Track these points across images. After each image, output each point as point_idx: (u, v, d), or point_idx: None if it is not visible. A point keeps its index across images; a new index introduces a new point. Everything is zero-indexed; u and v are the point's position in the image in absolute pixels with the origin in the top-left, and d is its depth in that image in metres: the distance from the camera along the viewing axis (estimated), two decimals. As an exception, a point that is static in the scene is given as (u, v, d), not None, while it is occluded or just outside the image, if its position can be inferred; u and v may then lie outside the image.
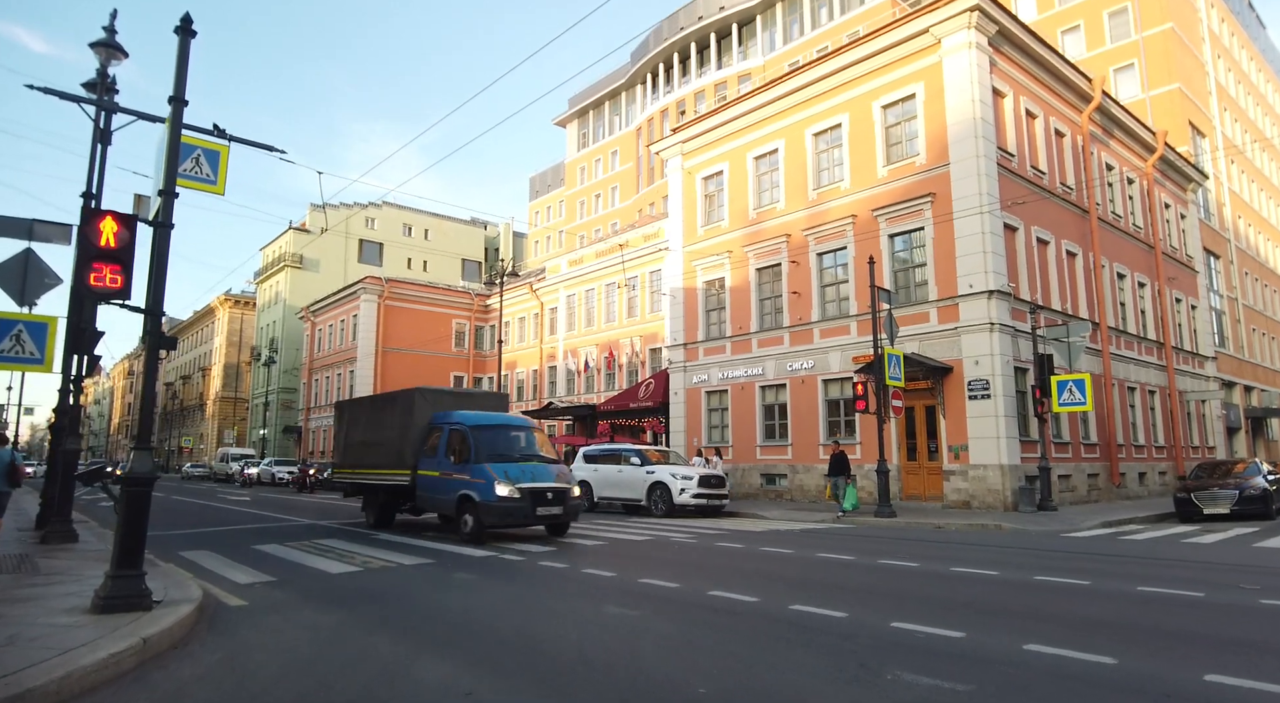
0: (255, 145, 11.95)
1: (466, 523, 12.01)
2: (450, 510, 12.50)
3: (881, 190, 20.97)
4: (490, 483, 11.70)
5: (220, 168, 11.36)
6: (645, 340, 38.88)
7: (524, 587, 7.96)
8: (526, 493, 11.75)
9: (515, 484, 11.74)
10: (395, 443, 14.07)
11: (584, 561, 9.80)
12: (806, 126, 23.20)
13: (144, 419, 6.21)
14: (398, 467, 13.85)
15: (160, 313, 6.33)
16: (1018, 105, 21.05)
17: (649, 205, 51.18)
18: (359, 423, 15.99)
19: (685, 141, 27.05)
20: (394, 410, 14.62)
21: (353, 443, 15.98)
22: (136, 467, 6.03)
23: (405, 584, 8.14)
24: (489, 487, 11.69)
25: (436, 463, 12.96)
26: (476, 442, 12.42)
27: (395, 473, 13.95)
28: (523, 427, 14.01)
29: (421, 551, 10.97)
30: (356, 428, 16.02)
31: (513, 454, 12.70)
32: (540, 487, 11.98)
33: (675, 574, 8.60)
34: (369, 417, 15.77)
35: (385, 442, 14.49)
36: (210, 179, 11.42)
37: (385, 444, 14.46)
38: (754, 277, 24.19)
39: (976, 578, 8.40)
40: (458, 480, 12.30)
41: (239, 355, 69.12)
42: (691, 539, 12.50)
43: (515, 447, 13.11)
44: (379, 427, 15.05)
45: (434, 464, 13.02)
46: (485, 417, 13.51)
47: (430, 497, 13.24)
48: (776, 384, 23.15)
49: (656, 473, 18.14)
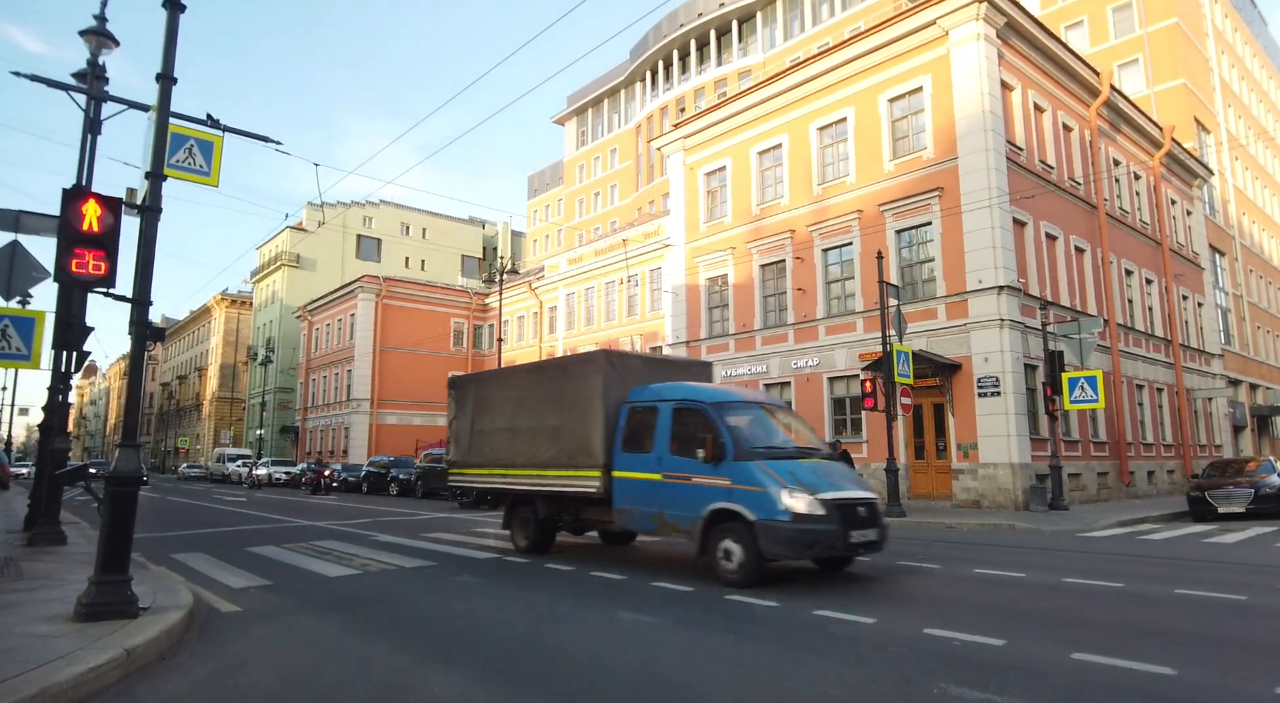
0: (250, 136, 11.63)
1: (730, 554, 7.80)
2: (686, 532, 8.33)
3: (888, 185, 20.64)
4: (770, 492, 7.57)
5: (214, 159, 10.98)
6: (645, 339, 38.52)
7: (530, 590, 7.61)
8: (833, 508, 7.56)
9: (814, 494, 7.55)
10: (573, 430, 9.85)
11: (591, 562, 9.45)
12: (811, 121, 22.86)
13: (130, 416, 5.84)
14: (578, 465, 9.65)
15: (147, 302, 5.97)
16: (1026, 99, 20.74)
17: (649, 203, 50.83)
18: (499, 404, 11.60)
19: (687, 137, 26.71)
20: (566, 384, 10.26)
21: (488, 432, 11.63)
22: (121, 465, 5.67)
23: (406, 588, 7.78)
24: (767, 498, 7.56)
25: (652, 461, 8.79)
26: (730, 429, 8.24)
27: (572, 475, 9.73)
28: (777, 407, 9.93)
29: (422, 552, 10.60)
30: (494, 411, 11.64)
31: (784, 449, 8.55)
32: (849, 497, 7.81)
33: (687, 577, 8.24)
34: (520, 394, 11.24)
35: (552, 429, 10.26)
36: (204, 170, 11.04)
37: (553, 433, 10.24)
38: (758, 273, 23.86)
39: (1003, 581, 8.06)
40: (704, 488, 8.11)
41: (235, 355, 68.65)
42: (700, 540, 12.15)
43: (779, 438, 8.87)
44: (540, 408, 10.62)
45: (645, 463, 8.87)
46: (721, 393, 9.28)
47: (637, 511, 8.99)
48: (781, 382, 22.80)
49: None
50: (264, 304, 63.14)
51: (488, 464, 11.52)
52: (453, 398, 12.87)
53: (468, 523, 15.61)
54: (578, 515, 10.39)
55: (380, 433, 46.41)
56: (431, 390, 48.29)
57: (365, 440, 45.79)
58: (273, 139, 11.82)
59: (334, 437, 48.57)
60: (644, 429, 9.06)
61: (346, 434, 46.61)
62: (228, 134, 10.70)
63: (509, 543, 11.20)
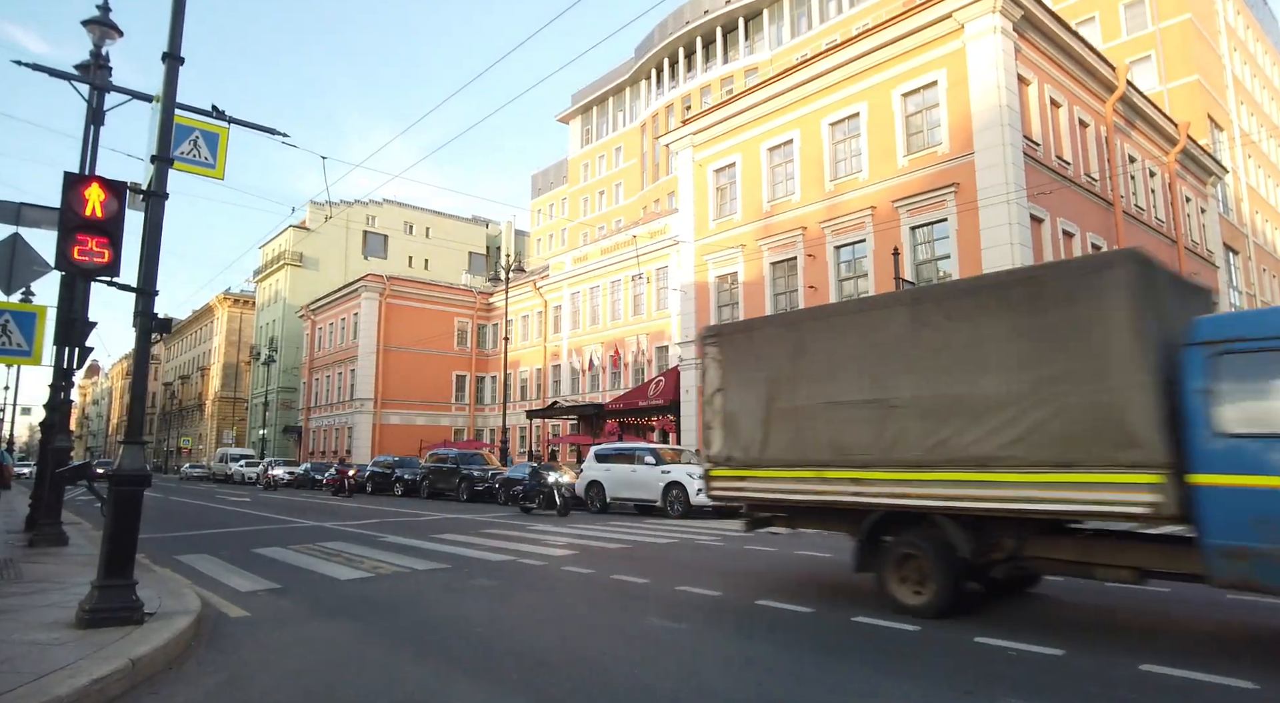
0: (256, 128, 11.36)
1: None
2: None
3: (902, 181, 20.32)
4: None
5: (219, 151, 10.70)
6: (652, 338, 38.26)
7: (552, 595, 7.30)
8: None
9: None
10: (1062, 397, 5.51)
11: (611, 565, 9.13)
12: (823, 116, 22.54)
13: (135, 411, 5.54)
14: (1083, 463, 5.34)
15: (153, 292, 5.67)
16: (1042, 94, 20.41)
17: (654, 202, 50.53)
18: (839, 361, 7.11)
19: (696, 133, 26.40)
20: (1034, 315, 5.80)
21: (811, 410, 7.23)
22: (126, 463, 5.37)
23: (422, 592, 7.47)
24: None
25: None
26: None
27: (1066, 482, 5.40)
28: None
29: (434, 554, 10.29)
30: (826, 374, 7.19)
31: None
32: None
33: (714, 581, 7.93)
34: (895, 343, 6.68)
35: (997, 399, 5.84)
36: (209, 162, 10.75)
37: (998, 405, 5.83)
38: (768, 271, 23.54)
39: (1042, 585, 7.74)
40: None
41: (238, 355, 68.44)
42: (719, 542, 11.85)
43: None
44: (960, 364, 6.17)
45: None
46: None
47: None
48: (792, 381, 22.45)
49: (672, 473, 17.47)
50: (267, 303, 62.92)
51: (808, 463, 7.17)
52: (711, 361, 8.35)
53: (476, 525, 15.31)
54: (1039, 553, 6.00)
55: (384, 433, 46.13)
56: (435, 390, 48.07)
57: (369, 440, 45.52)
58: (279, 131, 11.53)
59: (337, 437, 48.30)
60: None
61: (350, 434, 46.35)
62: (233, 126, 10.45)
63: (525, 543, 10.89)
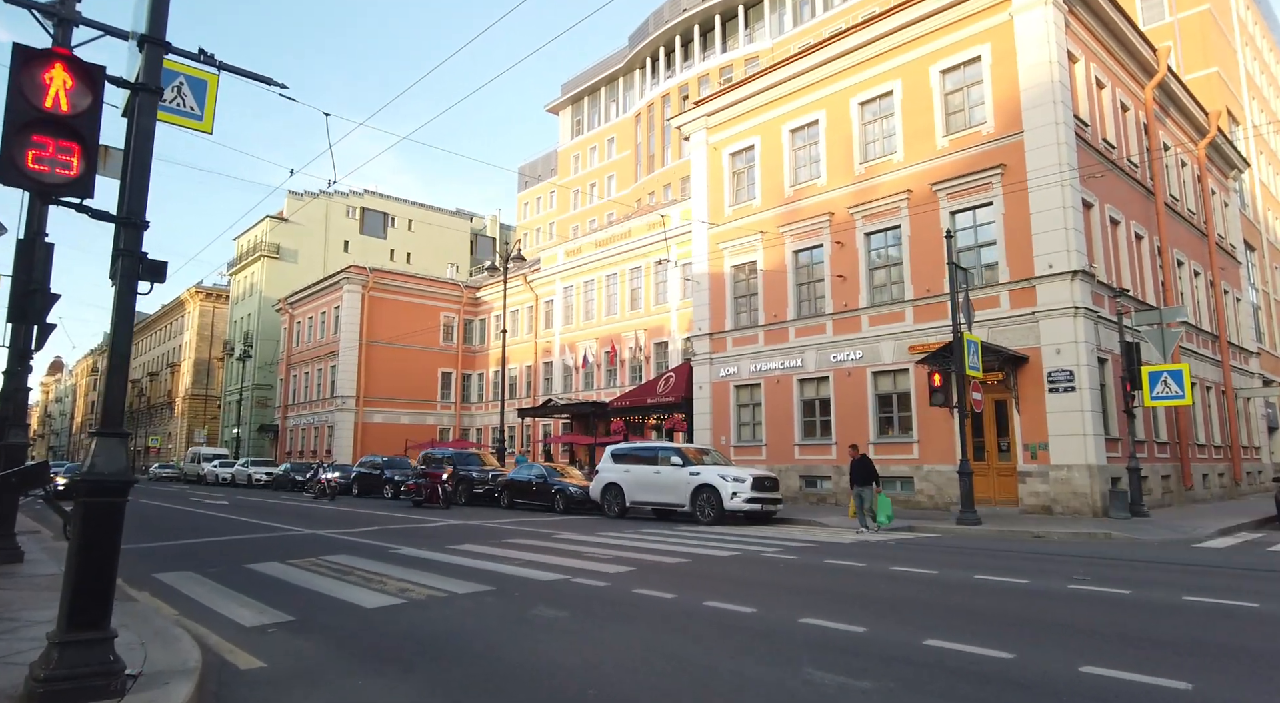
0: (251, 76, 9.63)
1: None
2: None
3: (941, 163, 19.01)
4: None
5: (207, 101, 9.07)
6: (650, 334, 36.82)
7: (645, 632, 5.76)
8: None
9: None
10: None
11: (688, 587, 7.61)
12: (852, 95, 21.18)
13: (113, 391, 3.93)
14: None
15: (141, 223, 4.06)
16: (1088, 73, 19.23)
17: (649, 194, 49.04)
18: None
19: (710, 115, 24.94)
20: None
21: None
22: (101, 463, 3.74)
23: (477, 626, 5.90)
24: None
25: None
26: None
27: None
28: None
29: (466, 572, 8.68)
30: None
31: None
32: None
33: (830, 610, 6.44)
34: None
35: None
36: (195, 113, 9.12)
37: None
38: (791, 259, 22.13)
39: (1141, 604, 6.35)
40: None
41: (210, 351, 65.84)
42: (786, 554, 10.36)
43: None
44: None
45: None
46: None
47: None
48: (818, 377, 21.09)
49: (703, 474, 15.98)
50: (241, 297, 60.50)
51: None
52: None
53: (492, 532, 13.70)
54: None
55: (366, 432, 44.13)
56: (420, 387, 46.14)
57: (351, 440, 43.51)
58: (277, 82, 9.84)
59: (317, 436, 46.19)
60: None
61: (330, 433, 44.29)
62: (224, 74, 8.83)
63: (563, 556, 9.30)
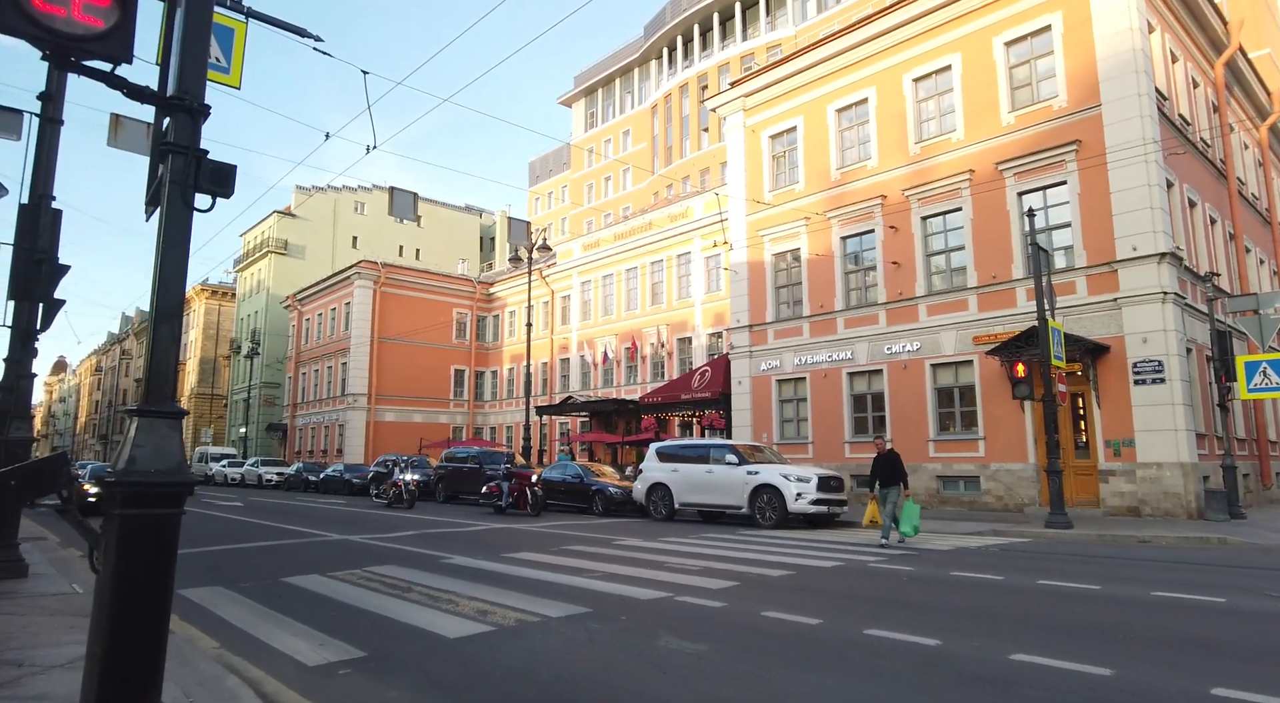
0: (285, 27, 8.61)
1: None
2: None
3: (1007, 140, 17.76)
4: None
5: (235, 52, 7.92)
6: (672, 329, 35.61)
7: (817, 671, 4.52)
8: None
9: None
10: None
11: (818, 607, 6.37)
12: (905, 71, 19.92)
13: (159, 354, 2.69)
14: None
15: (199, 108, 2.84)
16: (1164, 44, 17.98)
17: (667, 187, 47.76)
18: None
19: (748, 96, 23.69)
20: None
21: None
22: (144, 456, 2.50)
23: (595, 663, 4.68)
24: None
25: None
26: None
27: None
28: None
29: (543, 587, 7.43)
30: None
31: None
32: None
33: (1037, 642, 5.20)
34: None
35: None
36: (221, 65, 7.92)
37: None
38: (838, 246, 20.87)
39: None
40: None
41: (216, 349, 64.72)
42: (895, 564, 9.10)
43: None
44: None
45: None
46: None
47: None
48: (870, 370, 19.84)
49: (763, 473, 14.71)
50: (248, 294, 59.39)
51: None
52: None
53: (541, 537, 12.45)
54: None
55: (378, 430, 42.92)
56: (433, 385, 44.95)
57: (362, 439, 42.32)
58: (311, 34, 8.70)
59: (327, 435, 44.98)
60: None
61: (341, 432, 43.08)
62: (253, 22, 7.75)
63: (643, 567, 8.06)
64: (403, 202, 15.48)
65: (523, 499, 17.51)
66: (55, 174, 8.08)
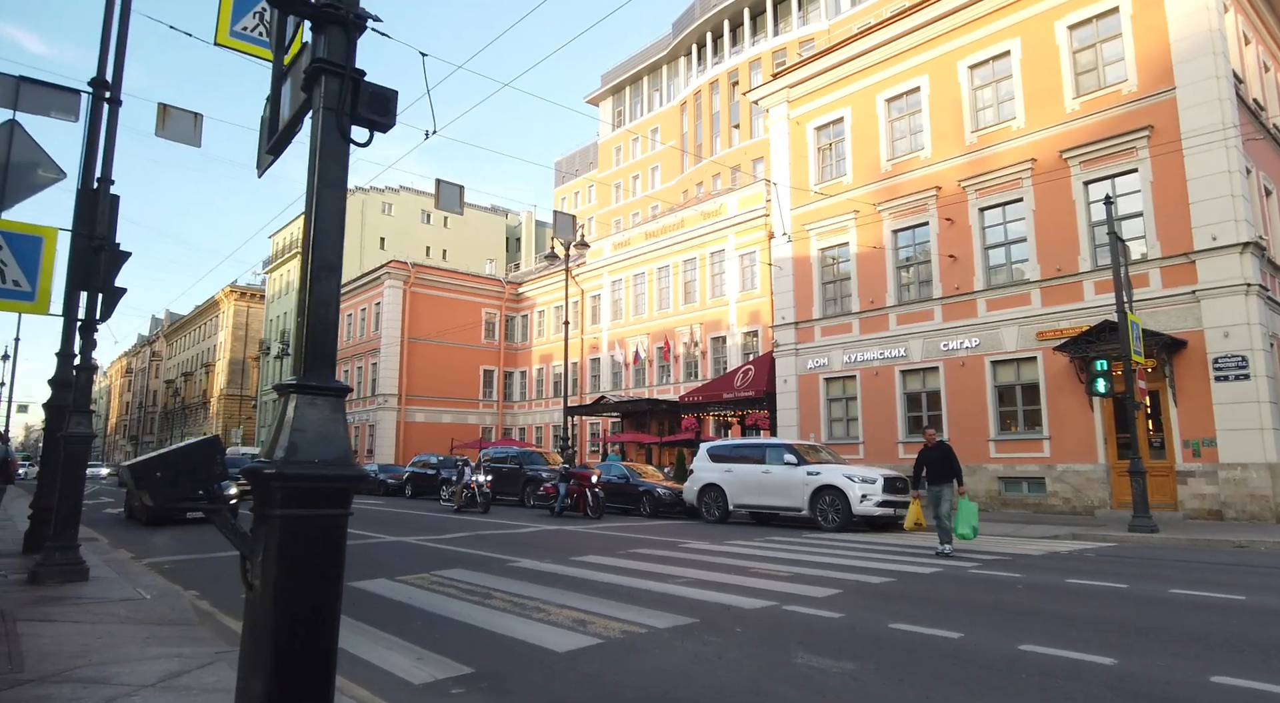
0: (341, 5, 7.94)
1: None
2: None
3: (1072, 127, 17.04)
4: None
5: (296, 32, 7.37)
6: (706, 328, 35.07)
7: (962, 686, 3.97)
8: None
9: None
10: None
11: (949, 618, 5.80)
12: (960, 58, 19.24)
13: (319, 314, 2.20)
14: None
15: (356, 18, 2.39)
16: (1237, 25, 17.18)
17: (696, 185, 47.23)
18: None
19: (791, 87, 23.08)
20: None
21: None
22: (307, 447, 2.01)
23: (733, 683, 4.16)
24: None
25: None
26: None
27: None
28: None
29: (631, 594, 6.91)
30: None
31: None
32: None
33: (1188, 653, 4.62)
34: None
35: None
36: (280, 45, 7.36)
37: None
38: (889, 239, 20.21)
39: None
40: None
41: (245, 350, 65.02)
42: (992, 570, 8.49)
43: None
44: None
45: None
46: None
47: None
48: (925, 367, 19.16)
49: (824, 474, 14.12)
50: (277, 295, 59.62)
51: None
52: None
53: (600, 539, 11.95)
54: None
55: (408, 431, 42.73)
56: (462, 385, 44.70)
57: (393, 439, 42.14)
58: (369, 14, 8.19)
59: (357, 435, 44.84)
60: None
61: (372, 433, 42.93)
62: None
63: (724, 572, 7.51)
64: (448, 194, 15.08)
65: (582, 501, 16.76)
66: (114, 160, 7.72)
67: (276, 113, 2.80)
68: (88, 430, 7.16)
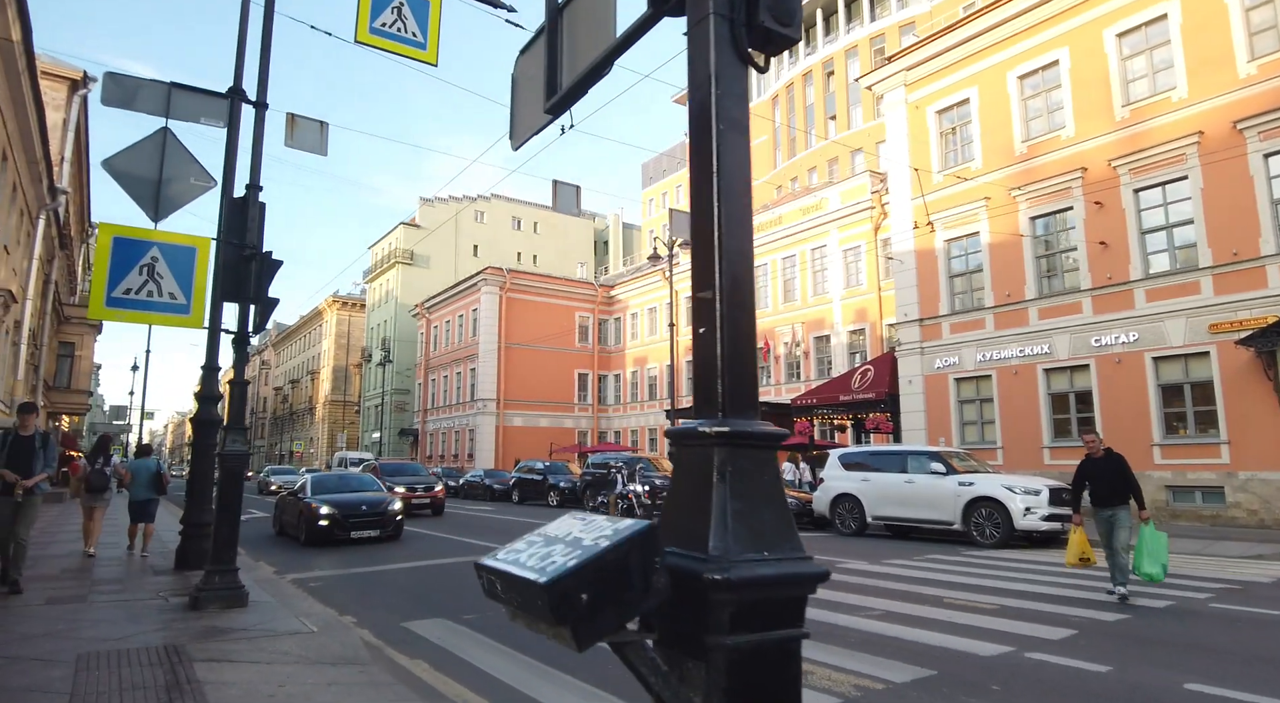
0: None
1: None
2: None
3: (1247, 94, 15.21)
4: None
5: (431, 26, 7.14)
6: (808, 327, 33.88)
7: None
8: None
9: None
10: None
11: (1238, 676, 4.77)
12: (1105, 26, 17.55)
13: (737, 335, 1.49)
14: None
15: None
16: None
17: (790, 180, 45.89)
18: None
19: (909, 69, 21.72)
20: None
21: None
22: (745, 534, 1.31)
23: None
24: None
25: None
26: None
27: None
28: None
29: (833, 634, 6.10)
30: None
31: None
32: None
33: None
34: None
35: None
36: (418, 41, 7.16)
37: None
38: (1028, 227, 18.66)
39: None
40: None
41: (347, 358, 67.28)
42: (1245, 606, 7.27)
43: None
44: None
45: None
46: None
47: None
48: (1073, 365, 17.55)
49: (978, 484, 12.91)
50: (377, 304, 61.43)
51: None
52: None
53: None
54: None
55: (507, 435, 43.04)
56: (557, 390, 44.74)
57: (492, 443, 42.53)
58: (503, 3, 7.77)
59: (458, 439, 45.55)
60: None
61: (472, 437, 43.46)
62: None
63: (916, 605, 6.56)
64: (565, 195, 14.66)
65: None
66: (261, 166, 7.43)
67: (555, 59, 2.13)
68: (244, 449, 6.88)
